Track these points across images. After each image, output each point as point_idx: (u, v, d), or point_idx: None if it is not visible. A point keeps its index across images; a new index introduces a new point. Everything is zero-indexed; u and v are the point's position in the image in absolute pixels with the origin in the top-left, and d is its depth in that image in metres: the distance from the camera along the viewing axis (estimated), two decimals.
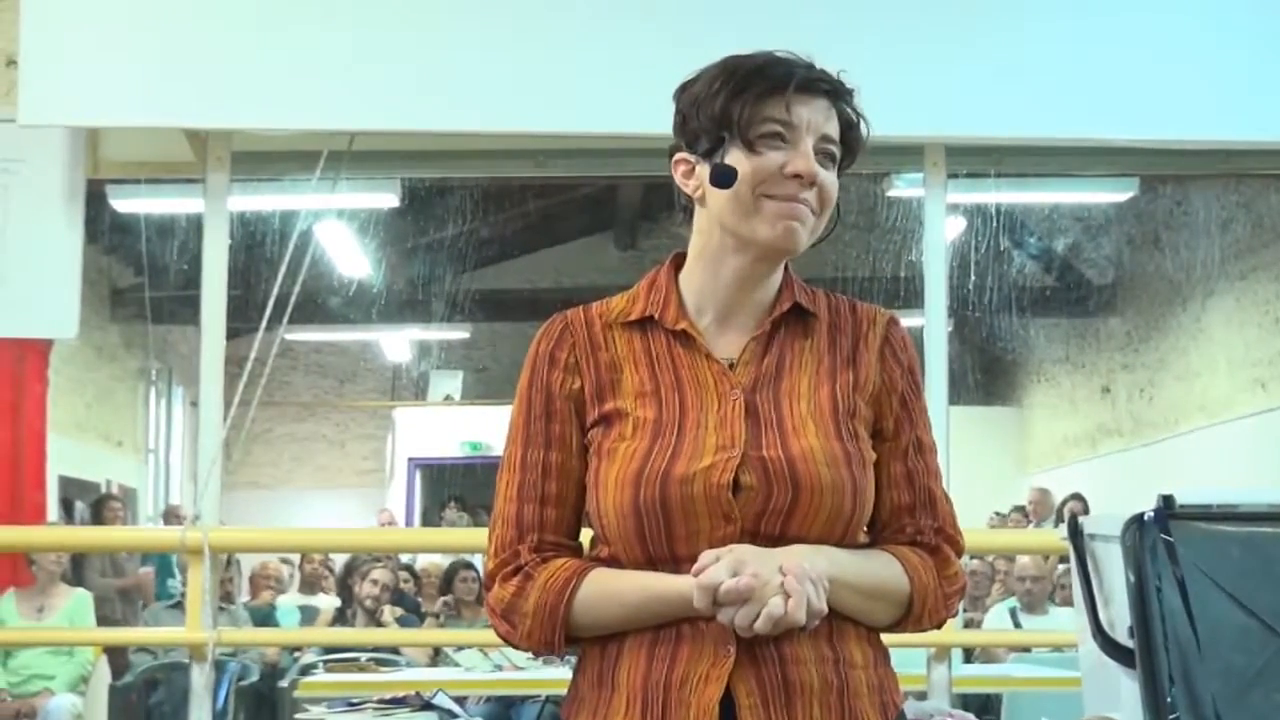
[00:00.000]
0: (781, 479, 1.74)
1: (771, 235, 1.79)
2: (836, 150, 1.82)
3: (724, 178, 1.79)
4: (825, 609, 1.67)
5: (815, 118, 1.80)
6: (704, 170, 1.83)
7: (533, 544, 1.82)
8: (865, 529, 1.85)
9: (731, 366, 1.82)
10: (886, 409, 1.85)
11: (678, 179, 1.87)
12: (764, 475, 1.74)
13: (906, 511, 1.85)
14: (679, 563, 1.73)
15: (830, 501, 1.74)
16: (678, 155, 1.87)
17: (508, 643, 1.85)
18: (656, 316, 1.85)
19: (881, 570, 1.80)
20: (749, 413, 1.78)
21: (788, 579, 1.65)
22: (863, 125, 1.86)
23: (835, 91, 1.83)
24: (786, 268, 1.89)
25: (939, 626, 1.88)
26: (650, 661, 1.74)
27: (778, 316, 1.85)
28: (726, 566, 1.66)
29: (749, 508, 1.73)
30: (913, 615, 1.82)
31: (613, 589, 1.77)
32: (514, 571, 1.82)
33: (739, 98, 1.79)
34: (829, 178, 1.81)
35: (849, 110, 1.85)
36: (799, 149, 1.78)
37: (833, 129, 1.81)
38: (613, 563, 1.80)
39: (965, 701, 5.70)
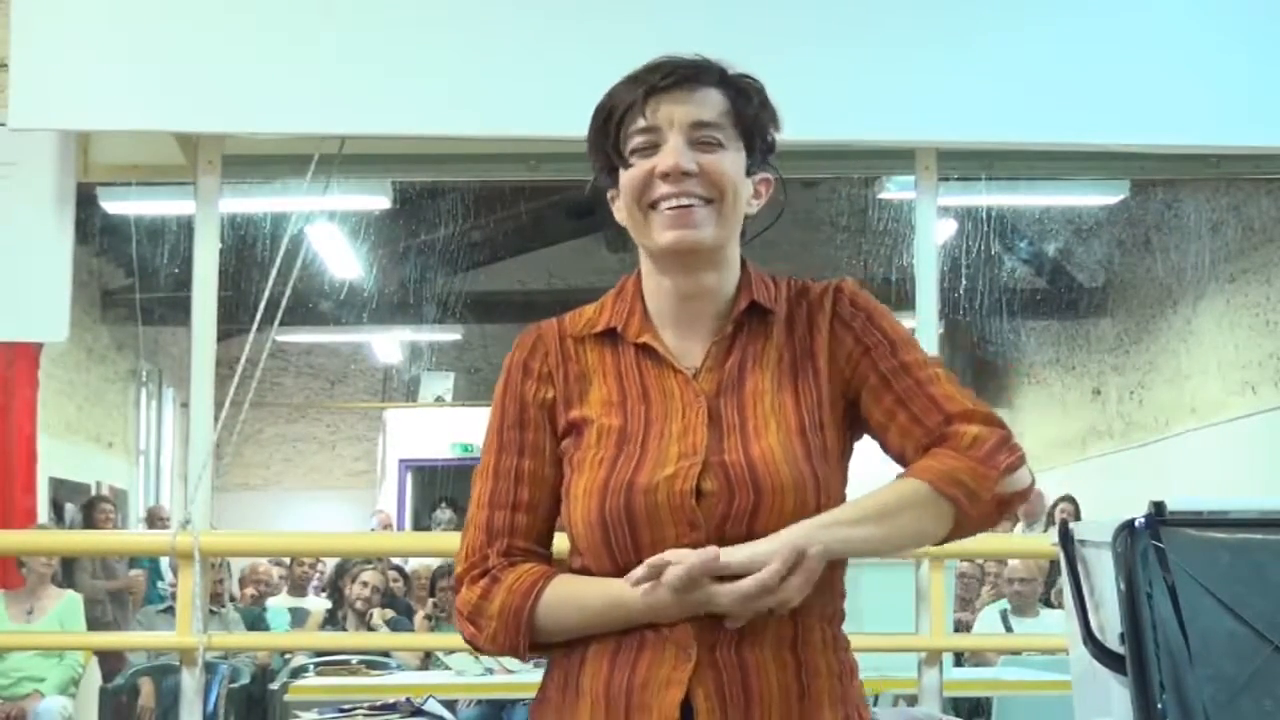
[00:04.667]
0: (743, 482, 1.74)
1: (667, 242, 1.80)
2: (719, 133, 1.82)
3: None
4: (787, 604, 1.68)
5: (679, 111, 1.80)
6: None
7: (502, 549, 1.84)
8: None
9: (695, 375, 1.83)
10: (852, 371, 1.85)
11: (615, 213, 1.90)
12: (725, 480, 1.75)
13: (912, 427, 1.83)
14: None
15: (793, 500, 1.74)
16: (610, 192, 1.89)
17: (473, 646, 1.86)
18: (620, 329, 1.87)
19: (879, 496, 1.77)
20: (712, 419, 1.79)
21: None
22: (754, 93, 1.85)
23: (700, 77, 1.83)
24: (745, 265, 1.90)
25: (1011, 501, 1.79)
26: (613, 667, 1.76)
27: (737, 318, 1.86)
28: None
29: (713, 513, 1.74)
30: (962, 503, 1.75)
31: (576, 594, 1.79)
32: (481, 574, 1.83)
33: (607, 125, 1.83)
34: (712, 160, 1.80)
35: (730, 86, 1.84)
36: (666, 147, 1.79)
37: (708, 113, 1.81)
38: (584, 573, 1.81)
39: (956, 705, 5.71)
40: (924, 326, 4.78)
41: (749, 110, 1.84)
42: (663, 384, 1.83)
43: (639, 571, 1.70)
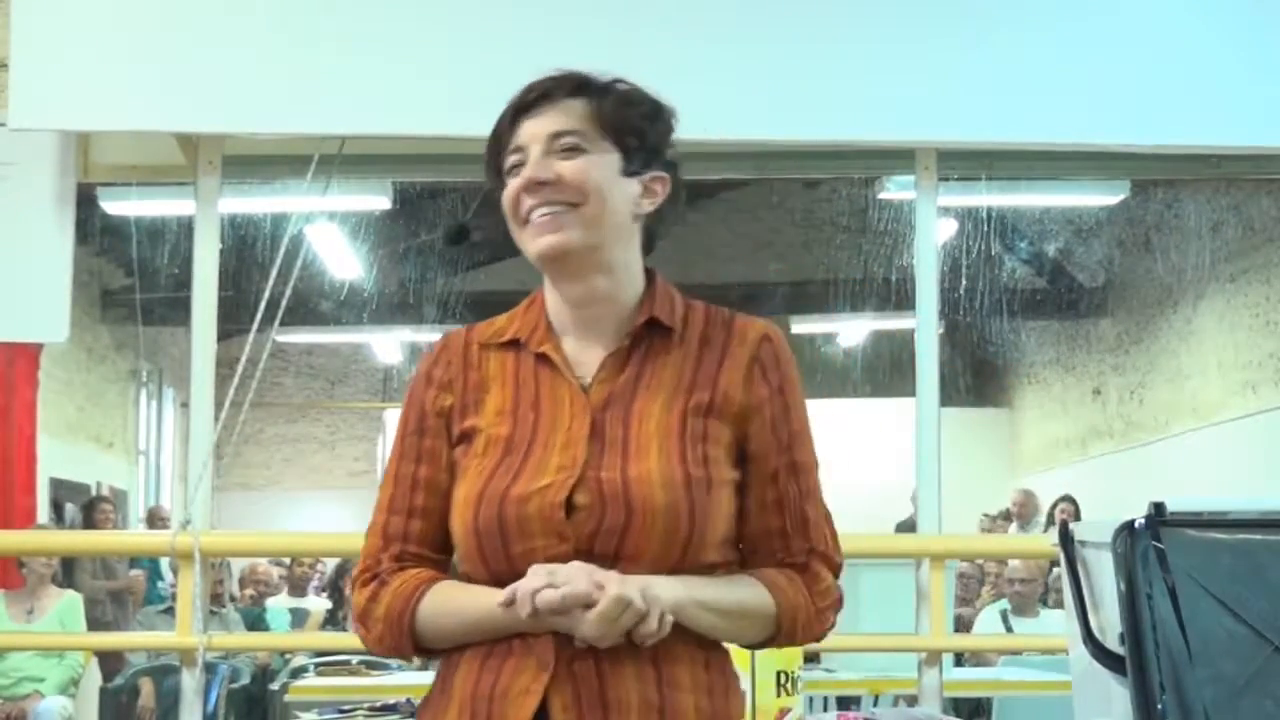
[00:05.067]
0: (615, 500, 1.75)
1: (537, 251, 1.84)
2: (579, 139, 1.84)
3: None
4: (654, 628, 1.70)
5: (538, 125, 1.85)
6: None
7: (394, 554, 1.87)
8: (728, 549, 1.84)
9: (589, 385, 1.84)
10: (752, 430, 1.85)
11: None
12: (598, 496, 1.75)
13: (777, 535, 1.86)
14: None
15: (663, 524, 1.75)
16: None
17: (366, 646, 1.90)
18: (522, 340, 1.89)
19: (742, 592, 1.82)
20: (594, 433, 1.80)
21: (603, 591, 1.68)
22: (613, 94, 1.87)
23: (557, 90, 1.87)
24: (653, 278, 1.91)
25: (818, 640, 1.91)
26: (481, 673, 1.78)
27: (635, 332, 1.86)
28: (545, 575, 1.70)
29: (582, 527, 1.75)
30: (784, 632, 1.85)
31: (452, 602, 1.82)
32: (372, 578, 1.87)
33: (491, 150, 1.89)
34: (571, 166, 1.83)
35: (590, 92, 1.87)
36: (528, 164, 1.84)
37: (565, 122, 1.84)
38: (468, 580, 1.84)
39: (956, 705, 5.71)
40: (924, 327, 4.78)
41: (609, 111, 1.85)
42: (555, 392, 1.84)
43: (509, 594, 1.71)
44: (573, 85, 1.86)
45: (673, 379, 1.84)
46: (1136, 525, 1.95)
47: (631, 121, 1.86)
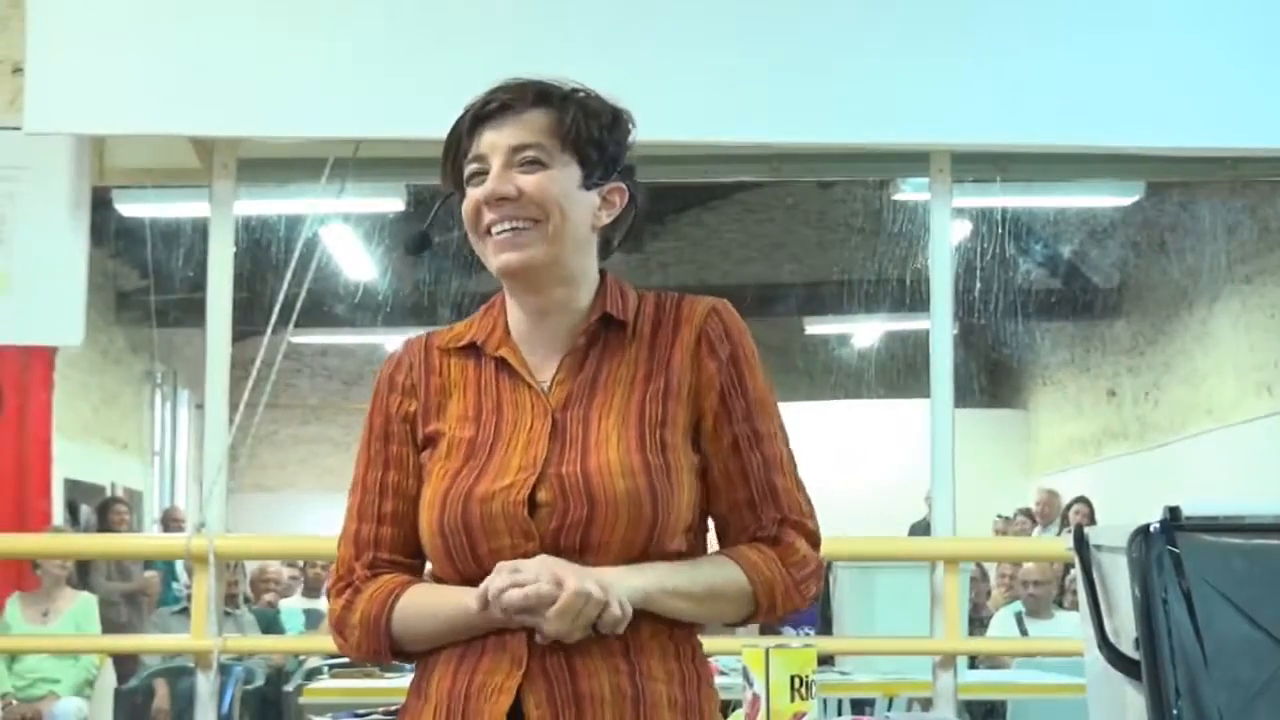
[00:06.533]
0: (577, 493, 1.76)
1: (499, 266, 1.84)
2: (540, 153, 1.83)
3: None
4: (617, 613, 1.70)
5: (500, 137, 1.84)
6: None
7: (368, 561, 1.89)
8: (692, 537, 1.84)
9: (548, 388, 1.85)
10: (706, 405, 1.85)
11: None
12: (560, 491, 1.77)
13: (746, 508, 1.86)
14: None
15: (626, 513, 1.76)
16: None
17: (344, 654, 1.92)
18: (480, 344, 1.90)
19: (712, 573, 1.83)
20: (555, 432, 1.81)
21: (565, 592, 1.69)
22: (575, 106, 1.86)
23: (519, 100, 1.86)
24: (604, 277, 1.91)
25: (801, 609, 1.91)
26: (456, 672, 1.79)
27: (589, 331, 1.87)
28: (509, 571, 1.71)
29: (547, 523, 1.77)
30: (763, 608, 1.85)
31: (427, 603, 1.83)
32: (346, 586, 1.89)
33: (449, 155, 1.89)
34: (533, 181, 1.82)
35: (552, 103, 1.86)
36: (489, 175, 1.83)
37: (527, 135, 1.84)
38: (439, 582, 1.86)
39: (970, 708, 5.70)
40: (938, 328, 4.78)
41: (571, 124, 1.85)
42: (516, 397, 1.86)
43: (482, 597, 1.72)
44: (534, 96, 1.86)
45: (629, 372, 1.85)
46: (1152, 530, 1.95)
47: (592, 133, 1.86)
